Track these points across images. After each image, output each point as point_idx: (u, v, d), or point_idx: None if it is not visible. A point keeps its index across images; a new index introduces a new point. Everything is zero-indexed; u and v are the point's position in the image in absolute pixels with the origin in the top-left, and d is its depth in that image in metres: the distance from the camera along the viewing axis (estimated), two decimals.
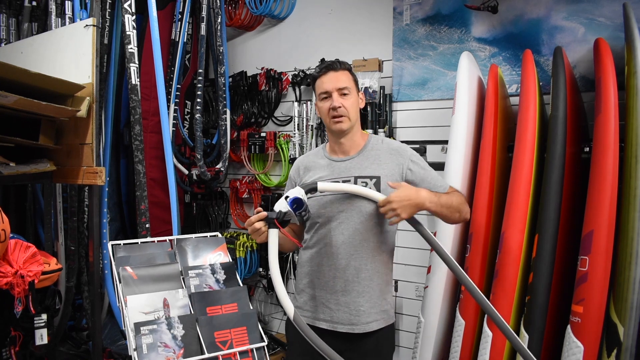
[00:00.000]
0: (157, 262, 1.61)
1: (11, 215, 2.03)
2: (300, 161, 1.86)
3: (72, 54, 2.29)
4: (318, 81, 1.72)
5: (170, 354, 1.37)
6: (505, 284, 1.99)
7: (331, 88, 1.68)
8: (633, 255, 1.73)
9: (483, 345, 2.01)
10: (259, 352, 1.47)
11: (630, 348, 1.72)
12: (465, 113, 2.26)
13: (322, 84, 1.71)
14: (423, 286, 2.40)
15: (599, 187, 1.82)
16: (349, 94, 1.69)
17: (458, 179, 2.22)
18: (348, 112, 1.68)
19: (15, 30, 3.00)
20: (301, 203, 1.50)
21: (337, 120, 1.68)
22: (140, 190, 2.55)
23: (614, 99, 1.85)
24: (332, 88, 1.68)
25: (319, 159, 1.80)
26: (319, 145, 1.90)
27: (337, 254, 1.68)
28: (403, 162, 1.72)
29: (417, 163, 1.73)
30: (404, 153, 1.74)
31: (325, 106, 1.70)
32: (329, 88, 1.69)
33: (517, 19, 2.49)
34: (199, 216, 3.69)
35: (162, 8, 3.25)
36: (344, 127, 1.70)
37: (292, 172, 1.86)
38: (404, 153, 1.74)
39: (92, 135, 2.21)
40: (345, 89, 1.68)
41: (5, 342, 2.30)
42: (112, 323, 3.11)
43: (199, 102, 3.22)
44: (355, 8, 3.05)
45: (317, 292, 1.72)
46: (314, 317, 1.72)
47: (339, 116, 1.68)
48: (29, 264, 1.94)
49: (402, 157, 1.72)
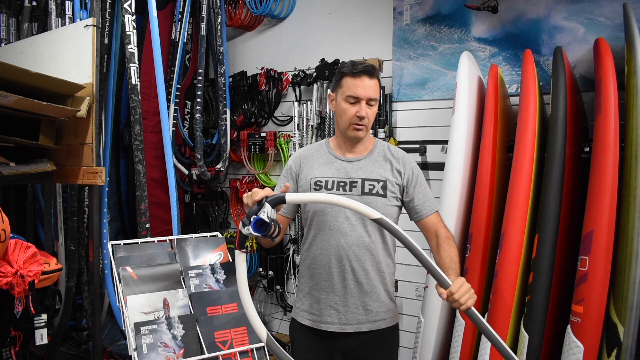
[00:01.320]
0: (157, 262, 1.61)
1: (11, 215, 2.03)
2: (303, 152, 1.82)
3: (72, 54, 2.29)
4: (350, 81, 1.65)
5: (170, 354, 1.37)
6: (505, 284, 1.99)
7: (363, 95, 1.63)
8: (633, 255, 1.73)
9: (483, 345, 2.01)
10: (259, 352, 1.48)
11: (630, 348, 1.72)
12: (465, 113, 2.26)
13: (355, 87, 1.64)
14: (423, 286, 2.40)
15: (599, 187, 1.82)
16: (374, 105, 1.68)
17: (458, 179, 2.22)
18: (370, 122, 1.68)
19: (15, 30, 3.00)
20: (265, 224, 1.26)
21: (358, 127, 1.67)
22: (140, 190, 2.55)
23: (614, 99, 1.85)
24: (364, 96, 1.63)
25: (322, 153, 1.78)
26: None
27: (345, 256, 1.68)
28: (405, 171, 1.74)
29: (418, 176, 1.76)
30: (408, 164, 1.76)
31: (351, 111, 1.65)
32: (361, 94, 1.63)
33: (517, 19, 2.49)
34: (199, 216, 3.69)
35: (162, 8, 3.25)
36: (362, 136, 1.70)
37: (291, 162, 1.80)
38: (408, 164, 1.76)
39: (92, 135, 2.21)
40: (374, 100, 1.66)
41: (5, 342, 2.30)
42: (112, 323, 3.11)
43: (199, 102, 3.22)
44: (355, 8, 3.05)
45: (324, 295, 1.71)
46: (320, 321, 1.71)
47: (362, 125, 1.66)
48: (29, 264, 1.95)
49: (405, 167, 1.74)
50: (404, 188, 1.73)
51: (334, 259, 1.68)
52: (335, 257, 1.68)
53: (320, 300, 1.71)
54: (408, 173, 1.74)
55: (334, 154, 1.76)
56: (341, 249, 1.67)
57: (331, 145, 1.79)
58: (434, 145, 2.72)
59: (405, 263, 2.74)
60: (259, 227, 1.25)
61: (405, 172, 1.73)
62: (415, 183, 1.73)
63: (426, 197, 1.74)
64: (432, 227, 1.71)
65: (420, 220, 1.73)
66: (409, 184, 1.73)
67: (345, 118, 1.68)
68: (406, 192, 1.73)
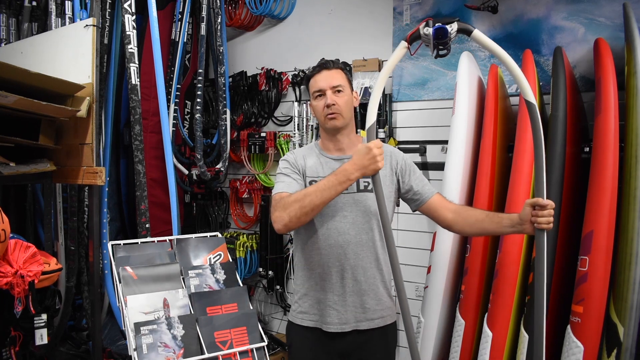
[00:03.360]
0: (157, 262, 1.61)
1: (11, 215, 2.03)
2: (297, 152, 1.82)
3: (72, 54, 2.29)
4: (312, 80, 1.74)
5: (170, 354, 1.37)
6: (505, 284, 1.99)
7: (325, 86, 1.69)
8: (633, 255, 1.73)
9: (483, 345, 2.01)
10: (259, 352, 1.47)
11: (630, 348, 1.72)
12: (465, 113, 2.26)
13: (316, 83, 1.72)
14: (423, 286, 2.40)
15: (599, 187, 1.82)
16: (342, 91, 1.70)
17: (458, 178, 2.22)
18: (342, 109, 1.69)
19: (15, 30, 3.00)
20: (446, 35, 1.34)
21: (331, 117, 1.69)
22: (140, 190, 2.55)
23: (614, 99, 1.85)
24: (326, 86, 1.69)
25: (314, 155, 1.79)
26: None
27: (343, 255, 1.68)
28: (397, 163, 1.76)
29: (410, 165, 1.78)
30: (398, 155, 1.78)
31: (320, 104, 1.71)
32: (323, 86, 1.69)
33: (517, 19, 2.49)
34: (199, 216, 3.69)
35: (162, 8, 3.25)
36: (338, 124, 1.71)
37: (292, 159, 1.76)
38: (398, 155, 1.78)
39: (92, 135, 2.21)
40: (339, 86, 1.69)
41: (5, 342, 2.30)
42: (112, 323, 3.11)
43: (199, 102, 3.22)
44: (355, 8, 3.05)
45: (323, 295, 1.70)
46: (321, 322, 1.71)
47: (333, 113, 1.69)
48: (29, 264, 1.94)
49: (397, 158, 1.77)
50: (399, 179, 1.74)
51: (333, 259, 1.68)
52: (333, 256, 1.68)
53: (320, 301, 1.71)
54: (401, 163, 1.76)
55: (325, 154, 1.78)
56: (339, 248, 1.67)
57: (321, 147, 1.81)
58: (434, 145, 2.72)
59: (406, 263, 2.74)
60: (438, 33, 1.33)
61: (398, 163, 1.76)
62: (409, 171, 1.76)
63: (423, 182, 1.77)
64: (440, 204, 1.73)
65: (424, 204, 1.74)
66: (404, 173, 1.75)
67: (318, 113, 1.73)
68: (402, 182, 1.75)
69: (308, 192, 1.54)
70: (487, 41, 1.46)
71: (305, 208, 1.53)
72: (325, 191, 1.52)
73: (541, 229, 1.50)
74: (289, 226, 1.58)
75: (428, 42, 1.39)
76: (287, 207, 1.56)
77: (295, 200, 1.55)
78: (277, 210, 1.59)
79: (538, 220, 1.50)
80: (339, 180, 1.51)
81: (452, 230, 1.78)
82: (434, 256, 2.26)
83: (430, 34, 1.35)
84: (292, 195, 1.58)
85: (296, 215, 1.54)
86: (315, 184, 1.57)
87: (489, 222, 1.65)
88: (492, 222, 1.65)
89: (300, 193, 1.57)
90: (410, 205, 1.79)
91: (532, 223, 1.52)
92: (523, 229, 1.56)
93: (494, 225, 1.64)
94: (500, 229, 1.65)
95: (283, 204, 1.57)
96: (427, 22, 1.36)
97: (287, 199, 1.57)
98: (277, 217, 1.58)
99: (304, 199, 1.53)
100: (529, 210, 1.53)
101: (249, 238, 3.42)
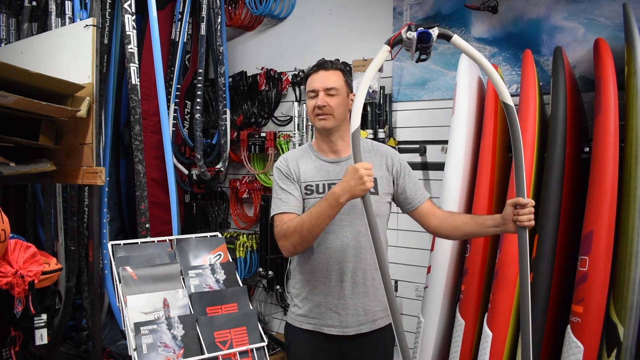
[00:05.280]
0: (157, 262, 1.61)
1: (11, 215, 2.03)
2: (289, 156, 1.78)
3: (72, 54, 2.29)
4: (308, 79, 1.74)
5: (170, 354, 1.37)
6: (505, 284, 1.99)
7: (318, 87, 1.69)
8: (633, 255, 1.73)
9: (483, 345, 2.01)
10: (259, 352, 1.47)
11: (630, 348, 1.72)
12: (465, 113, 2.26)
13: (311, 82, 1.72)
14: (423, 286, 2.40)
15: (599, 187, 1.82)
16: (336, 94, 1.69)
17: (458, 179, 2.22)
18: (333, 110, 1.68)
19: (15, 30, 3.00)
20: (428, 38, 1.37)
21: (320, 117, 1.69)
22: (140, 190, 2.55)
23: (614, 99, 1.85)
24: (319, 87, 1.68)
25: (308, 158, 1.76)
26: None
27: (343, 258, 1.67)
28: (393, 164, 1.75)
29: (405, 167, 1.78)
30: (394, 156, 1.78)
31: (311, 104, 1.71)
32: (316, 86, 1.69)
33: (517, 19, 2.49)
34: (199, 216, 3.69)
35: (162, 8, 3.25)
36: (327, 125, 1.69)
37: (284, 167, 1.73)
38: (394, 156, 1.78)
39: (92, 135, 2.21)
40: (333, 89, 1.68)
41: (5, 342, 2.30)
42: (112, 323, 3.11)
43: (199, 102, 3.22)
44: (355, 8, 3.05)
45: (323, 298, 1.70)
46: (321, 324, 1.71)
47: (323, 114, 1.68)
48: (29, 264, 1.95)
49: (393, 159, 1.76)
50: (394, 180, 1.74)
51: (332, 262, 1.68)
52: (332, 259, 1.68)
53: (320, 304, 1.71)
54: (396, 165, 1.75)
55: (320, 157, 1.76)
56: (338, 251, 1.67)
57: (315, 149, 1.79)
58: (434, 145, 2.72)
59: (406, 263, 2.75)
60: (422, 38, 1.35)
61: (393, 164, 1.75)
62: (404, 174, 1.76)
63: (417, 185, 1.77)
64: (429, 211, 1.74)
65: (415, 209, 1.75)
66: (399, 175, 1.75)
67: (309, 112, 1.73)
68: (396, 184, 1.75)
69: (304, 221, 1.57)
70: (465, 46, 1.48)
71: (306, 237, 1.58)
72: (320, 218, 1.54)
73: (523, 227, 1.53)
74: (297, 252, 1.67)
75: (409, 46, 1.40)
76: (289, 236, 1.60)
77: (294, 231, 1.59)
78: (280, 239, 1.64)
79: (519, 218, 1.52)
80: (330, 205, 1.53)
81: (438, 235, 1.80)
82: (434, 256, 2.26)
83: (414, 38, 1.37)
84: (291, 223, 1.60)
85: (299, 243, 1.60)
86: (309, 211, 1.58)
87: (473, 225, 1.66)
88: (476, 224, 1.66)
89: (298, 222, 1.59)
90: (401, 207, 1.79)
91: (514, 222, 1.54)
92: (506, 228, 1.57)
93: (478, 227, 1.65)
94: (484, 230, 1.66)
95: (284, 232, 1.62)
96: (410, 26, 1.38)
97: (288, 228, 1.61)
98: (282, 246, 1.65)
99: (302, 228, 1.57)
100: (511, 210, 1.54)
101: (249, 238, 3.42)
